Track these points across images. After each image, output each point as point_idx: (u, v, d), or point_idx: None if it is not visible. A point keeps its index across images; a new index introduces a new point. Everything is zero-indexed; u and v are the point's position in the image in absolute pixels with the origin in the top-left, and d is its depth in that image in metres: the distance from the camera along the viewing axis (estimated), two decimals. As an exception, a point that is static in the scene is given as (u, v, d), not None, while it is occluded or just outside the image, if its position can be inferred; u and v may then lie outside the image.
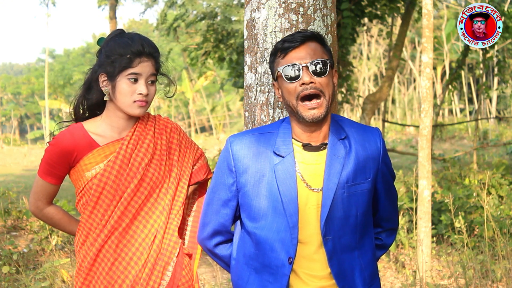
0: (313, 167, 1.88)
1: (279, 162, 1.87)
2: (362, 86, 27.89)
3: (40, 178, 2.15)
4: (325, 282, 1.89)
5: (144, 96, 2.06)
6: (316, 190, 1.86)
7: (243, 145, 1.93)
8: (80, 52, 46.47)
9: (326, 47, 1.92)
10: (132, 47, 2.04)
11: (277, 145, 1.89)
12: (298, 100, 1.84)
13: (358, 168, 1.89)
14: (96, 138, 2.11)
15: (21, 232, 7.10)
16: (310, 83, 1.82)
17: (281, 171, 1.86)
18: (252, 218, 1.91)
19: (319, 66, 1.84)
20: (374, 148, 1.95)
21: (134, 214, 2.09)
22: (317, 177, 1.87)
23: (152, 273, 2.08)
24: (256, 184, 1.89)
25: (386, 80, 9.05)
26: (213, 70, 17.71)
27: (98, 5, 19.70)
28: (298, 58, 1.84)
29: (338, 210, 1.86)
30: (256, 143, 1.92)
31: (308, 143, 1.89)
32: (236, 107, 34.21)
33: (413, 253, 5.47)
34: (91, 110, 2.19)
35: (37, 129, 43.22)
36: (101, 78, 2.10)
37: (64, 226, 2.25)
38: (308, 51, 1.85)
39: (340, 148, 1.89)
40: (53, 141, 2.10)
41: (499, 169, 9.03)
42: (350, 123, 1.98)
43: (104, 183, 2.07)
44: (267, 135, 1.94)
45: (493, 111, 24.71)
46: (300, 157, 1.89)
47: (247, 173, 1.91)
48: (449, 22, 21.68)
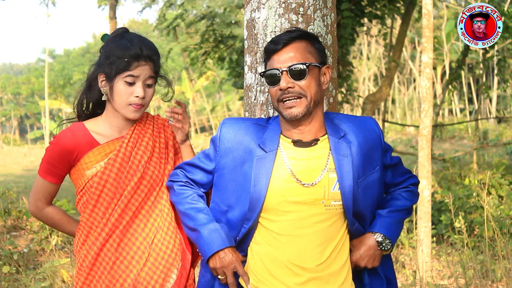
0: (305, 163, 1.89)
1: (261, 156, 1.90)
2: (362, 86, 27.90)
3: (41, 178, 2.15)
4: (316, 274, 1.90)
5: (140, 99, 2.06)
6: (307, 185, 1.87)
7: (232, 129, 1.98)
8: (80, 52, 46.48)
9: (315, 45, 1.92)
10: (130, 50, 2.04)
11: (263, 139, 1.92)
12: (279, 102, 1.88)
13: (364, 161, 1.92)
14: (97, 137, 2.11)
15: (21, 232, 7.10)
16: (288, 88, 1.85)
17: (259, 165, 1.89)
18: (223, 200, 1.96)
19: (297, 71, 1.85)
20: (375, 137, 1.97)
21: (134, 212, 2.09)
22: (308, 172, 1.88)
23: (155, 272, 2.08)
24: (234, 169, 1.93)
25: (386, 80, 9.05)
26: (213, 70, 17.71)
27: (98, 5, 19.70)
28: (279, 62, 1.87)
29: (360, 205, 1.91)
30: (245, 130, 1.96)
31: (298, 139, 1.91)
32: (236, 107, 34.21)
33: (413, 253, 5.46)
34: (92, 108, 2.19)
35: (37, 129, 43.21)
36: (100, 78, 2.10)
37: (64, 226, 2.25)
38: (290, 54, 1.87)
39: (342, 147, 1.90)
40: (54, 140, 2.11)
41: (499, 169, 9.03)
42: (346, 117, 2.00)
43: (104, 181, 2.08)
44: (258, 127, 1.97)
45: (493, 111, 24.72)
46: (291, 153, 1.90)
47: (227, 157, 1.95)
48: (449, 22, 21.68)
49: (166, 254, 2.10)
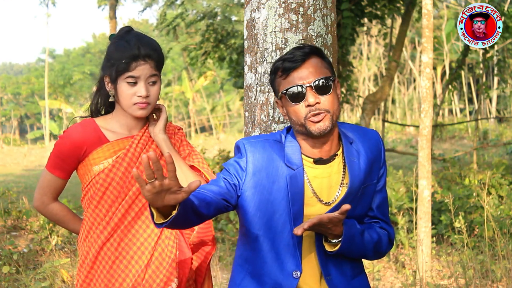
0: (326, 181, 1.87)
1: (291, 174, 1.84)
2: (362, 86, 27.89)
3: (48, 172, 2.15)
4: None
5: (143, 98, 2.06)
6: (327, 203, 1.86)
7: (257, 148, 1.88)
8: (80, 52, 46.46)
9: (326, 60, 1.88)
10: (128, 51, 2.04)
11: (288, 157, 1.86)
12: (306, 119, 1.81)
13: (367, 170, 1.90)
14: (107, 134, 2.12)
15: (21, 232, 7.10)
16: (316, 103, 1.79)
17: (293, 183, 1.84)
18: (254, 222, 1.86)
19: (323, 84, 1.81)
20: (377, 151, 1.95)
21: (137, 213, 2.10)
22: (328, 190, 1.87)
23: (158, 276, 2.08)
24: (265, 189, 1.85)
25: (386, 80, 9.05)
26: (213, 70, 17.71)
27: (98, 5, 19.72)
28: (301, 78, 1.80)
29: (351, 211, 1.85)
30: (270, 149, 1.88)
31: (319, 158, 1.86)
32: (236, 107, 34.22)
33: (413, 253, 5.46)
34: (105, 108, 2.21)
35: (37, 129, 43.19)
36: (105, 80, 2.12)
37: (68, 223, 2.25)
38: (310, 69, 1.81)
39: (353, 151, 1.89)
40: (64, 134, 2.11)
41: (499, 169, 9.02)
42: (351, 127, 1.98)
43: (111, 179, 2.08)
44: (279, 144, 1.89)
45: (493, 111, 24.71)
46: (312, 172, 1.87)
47: (256, 176, 1.85)
48: (449, 22, 21.67)
49: (170, 259, 2.10)
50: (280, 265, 1.86)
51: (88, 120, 2.15)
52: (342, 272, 1.90)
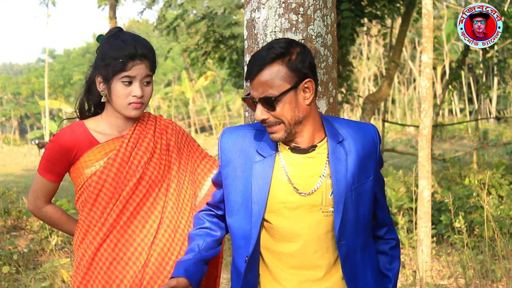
0: (303, 169, 1.87)
1: (259, 161, 1.89)
2: (362, 86, 27.91)
3: (40, 176, 2.15)
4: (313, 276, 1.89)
5: (138, 98, 2.05)
6: (303, 194, 1.85)
7: (231, 139, 1.97)
8: (80, 52, 46.51)
9: (290, 65, 1.80)
10: (125, 50, 2.02)
11: (262, 145, 1.92)
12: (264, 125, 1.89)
13: (360, 168, 1.89)
14: (97, 136, 2.11)
15: (21, 232, 7.10)
16: (263, 119, 1.83)
17: (259, 170, 1.88)
18: (229, 211, 1.96)
19: (268, 101, 1.81)
20: (372, 146, 1.94)
21: (132, 213, 2.09)
22: (306, 179, 1.86)
23: (159, 277, 2.06)
24: (235, 178, 1.92)
25: (386, 80, 9.05)
26: (213, 70, 17.71)
27: (98, 5, 19.74)
28: (254, 89, 1.83)
29: (350, 213, 1.86)
30: (242, 138, 1.96)
31: (295, 146, 1.89)
32: (236, 107, 34.25)
33: (413, 253, 5.47)
34: (94, 109, 2.19)
35: (37, 129, 43.22)
36: (97, 80, 2.10)
37: (63, 225, 2.24)
38: (262, 83, 1.81)
39: (340, 151, 1.88)
40: (54, 138, 2.10)
41: (499, 169, 9.02)
42: (346, 122, 1.97)
43: (103, 180, 2.07)
44: (258, 132, 1.96)
45: (493, 111, 24.72)
46: (289, 159, 1.88)
47: (229, 167, 1.95)
48: (449, 22, 21.70)
49: (171, 260, 2.09)
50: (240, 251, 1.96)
51: (77, 122, 2.13)
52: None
